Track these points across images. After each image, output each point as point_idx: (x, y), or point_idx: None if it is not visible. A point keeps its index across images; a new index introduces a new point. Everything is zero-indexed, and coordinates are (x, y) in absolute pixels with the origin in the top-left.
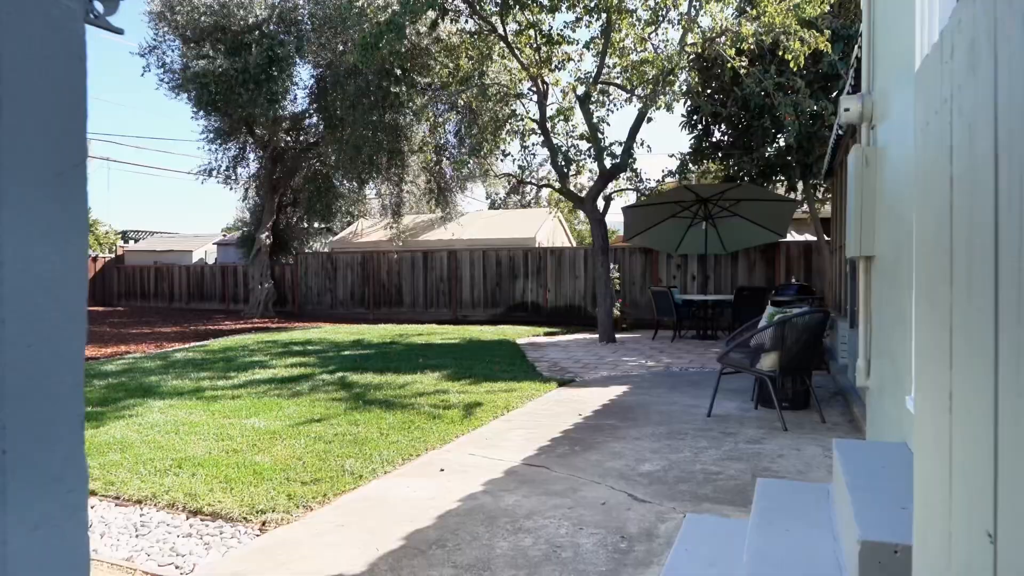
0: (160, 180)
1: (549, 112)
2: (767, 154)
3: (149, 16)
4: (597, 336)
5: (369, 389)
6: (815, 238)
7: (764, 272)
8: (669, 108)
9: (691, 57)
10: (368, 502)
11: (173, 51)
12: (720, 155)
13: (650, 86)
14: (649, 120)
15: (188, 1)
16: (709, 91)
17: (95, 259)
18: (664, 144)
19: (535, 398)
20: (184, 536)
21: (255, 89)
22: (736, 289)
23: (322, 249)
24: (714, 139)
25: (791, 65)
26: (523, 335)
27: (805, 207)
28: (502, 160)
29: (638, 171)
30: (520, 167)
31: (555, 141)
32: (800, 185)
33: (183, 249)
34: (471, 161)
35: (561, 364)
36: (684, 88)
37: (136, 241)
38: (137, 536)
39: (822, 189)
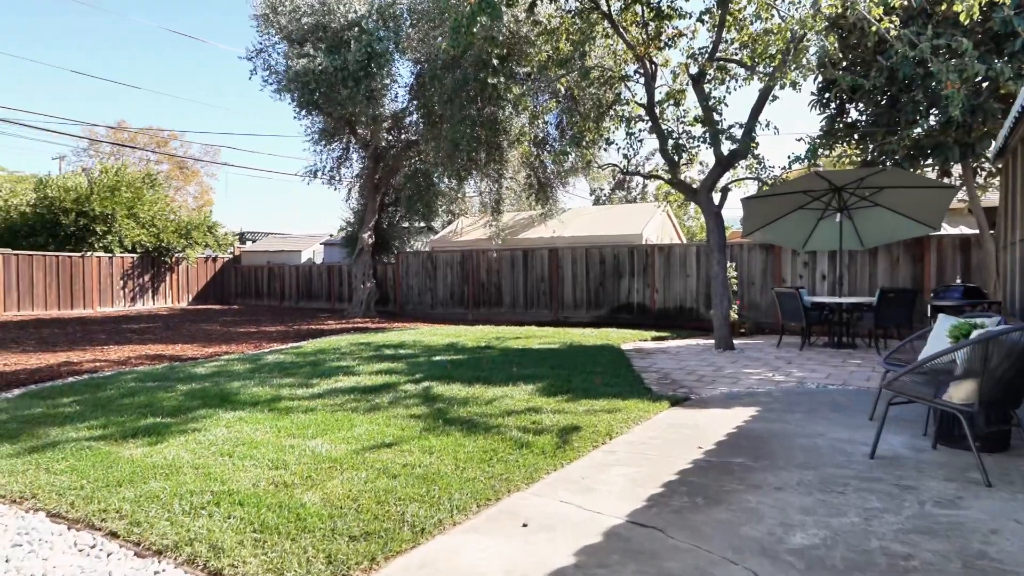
0: (272, 183)
1: (658, 96)
2: (915, 133)
3: (255, 20)
4: (712, 342)
5: (453, 404)
6: (974, 230)
7: (910, 271)
8: (795, 86)
9: (824, 25)
10: (425, 571)
11: (278, 53)
12: (857, 137)
13: (777, 58)
14: (774, 99)
15: (291, 0)
16: (845, 64)
17: (215, 259)
18: (788, 128)
19: (643, 421)
20: None
21: (354, 87)
22: (879, 291)
23: (423, 248)
24: (850, 119)
25: (962, 18)
26: (628, 339)
27: (962, 194)
28: (605, 150)
29: (760, 157)
30: (625, 156)
31: (664, 127)
32: (956, 169)
33: (293, 249)
34: (572, 152)
35: (672, 376)
36: (815, 61)
37: (253, 242)
38: None
39: (983, 174)
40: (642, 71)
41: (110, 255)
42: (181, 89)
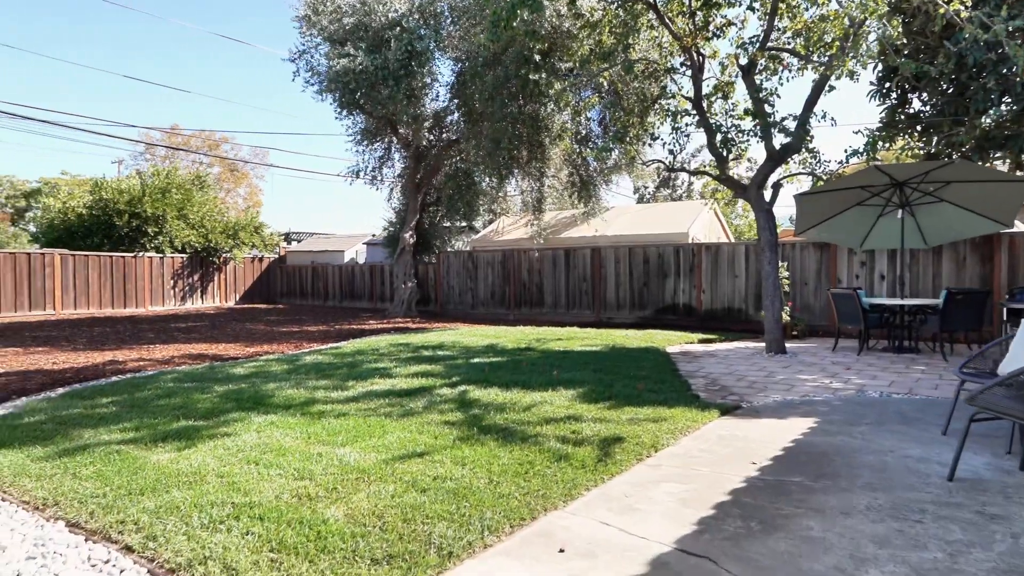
0: (316, 183)
1: (705, 88)
2: (985, 123)
3: (298, 21)
4: (762, 345)
5: (489, 411)
6: None
7: (978, 271)
8: (853, 76)
9: (886, 9)
10: None
11: (320, 54)
12: (920, 128)
13: (834, 46)
14: (830, 89)
15: (332, 1)
16: (907, 51)
17: (261, 259)
18: (844, 118)
19: (690, 432)
20: None
21: (394, 86)
22: (945, 292)
23: (464, 248)
24: (912, 109)
25: None
26: (674, 342)
27: None
28: (650, 145)
29: (815, 151)
30: (671, 152)
31: (712, 121)
32: None
33: (336, 249)
34: (615, 148)
35: (721, 382)
36: (876, 47)
37: (298, 242)
38: None
39: None
40: (689, 63)
41: (161, 255)
42: (230, 92)
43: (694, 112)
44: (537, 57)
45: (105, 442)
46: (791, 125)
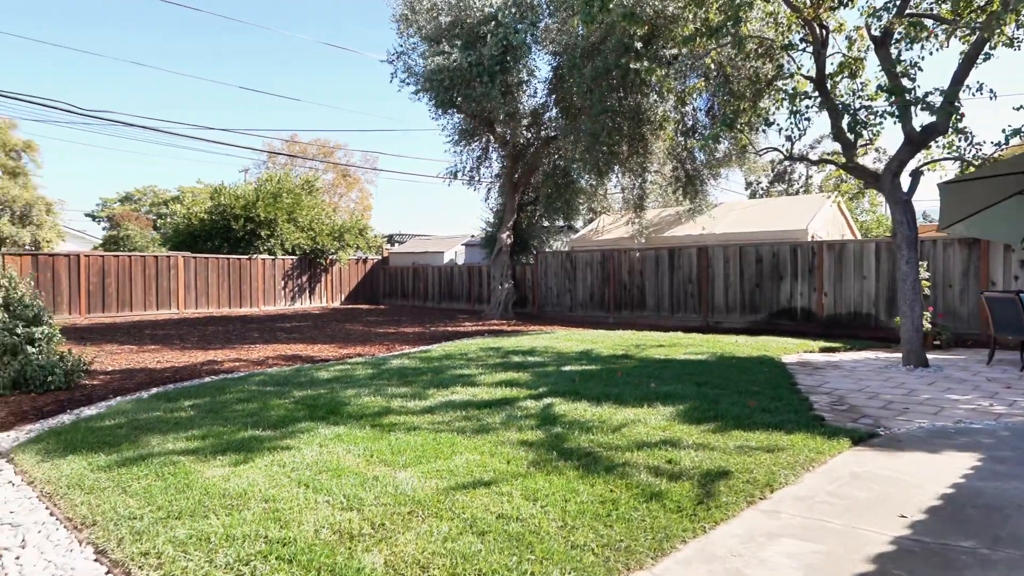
0: (419, 185)
1: (829, 67)
2: None
3: (396, 22)
4: (897, 356)
5: (573, 430)
6: None
7: None
8: (1013, 43)
9: None
10: None
11: (417, 55)
12: None
13: (996, 2)
14: (986, 58)
15: None
16: None
17: (365, 261)
18: (1002, 91)
19: (815, 466)
20: None
21: (488, 82)
22: None
23: (562, 248)
24: None
25: None
26: (790, 351)
27: None
28: (764, 131)
29: (965, 131)
30: (788, 138)
31: (837, 102)
32: None
33: (436, 250)
34: (725, 136)
35: (849, 400)
36: None
37: (401, 243)
38: None
39: None
40: (810, 38)
41: (272, 257)
42: (341, 99)
43: (815, 93)
44: (638, 44)
45: (167, 451)
46: (936, 101)
